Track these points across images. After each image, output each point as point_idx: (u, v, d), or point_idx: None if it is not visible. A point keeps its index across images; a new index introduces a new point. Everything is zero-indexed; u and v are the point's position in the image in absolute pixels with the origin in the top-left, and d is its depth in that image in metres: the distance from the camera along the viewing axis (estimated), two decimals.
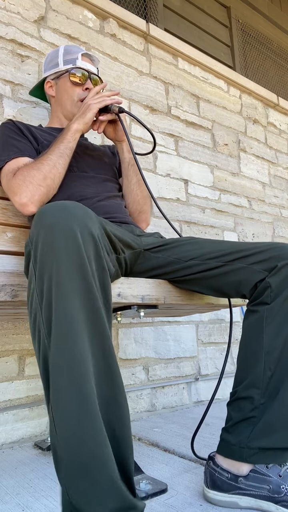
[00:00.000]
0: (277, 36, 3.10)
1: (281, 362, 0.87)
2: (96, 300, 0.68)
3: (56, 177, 1.09)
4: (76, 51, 1.33)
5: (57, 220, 0.69)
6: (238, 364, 0.93)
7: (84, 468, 0.60)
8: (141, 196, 1.30)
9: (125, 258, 1.00)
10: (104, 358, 0.68)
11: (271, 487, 0.82)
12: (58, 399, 0.63)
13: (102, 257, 0.73)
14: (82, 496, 0.60)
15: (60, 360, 0.63)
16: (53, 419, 0.64)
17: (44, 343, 0.67)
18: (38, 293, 0.69)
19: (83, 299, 0.66)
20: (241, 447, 0.85)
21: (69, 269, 0.66)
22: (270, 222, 2.54)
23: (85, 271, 0.68)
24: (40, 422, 1.41)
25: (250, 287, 0.92)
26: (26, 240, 0.76)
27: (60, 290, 0.65)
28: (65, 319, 0.64)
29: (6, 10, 1.60)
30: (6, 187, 1.12)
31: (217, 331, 2.06)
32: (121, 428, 0.68)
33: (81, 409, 0.62)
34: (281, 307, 0.87)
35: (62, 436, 0.62)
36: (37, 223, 0.71)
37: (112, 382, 0.68)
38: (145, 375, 1.74)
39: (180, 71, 2.25)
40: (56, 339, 0.64)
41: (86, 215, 0.73)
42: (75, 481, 0.61)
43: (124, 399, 0.70)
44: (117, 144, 1.29)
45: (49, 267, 0.67)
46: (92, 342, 0.66)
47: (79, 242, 0.68)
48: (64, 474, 0.62)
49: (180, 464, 1.14)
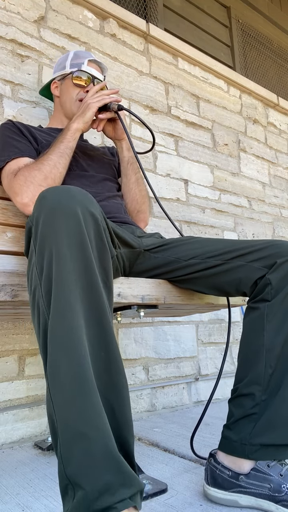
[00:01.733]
0: (277, 36, 3.11)
1: (282, 359, 0.87)
2: (95, 277, 0.69)
3: (57, 177, 1.10)
4: (84, 56, 1.36)
5: (59, 201, 0.70)
6: (239, 361, 0.93)
7: (80, 437, 0.60)
8: (140, 195, 1.30)
9: (121, 254, 1.00)
10: (101, 335, 0.68)
11: (272, 486, 0.82)
12: (54, 369, 0.63)
13: (103, 237, 0.74)
14: (77, 467, 0.59)
15: (58, 332, 0.64)
16: (50, 392, 0.64)
17: (44, 316, 0.68)
18: (38, 267, 0.70)
19: (82, 276, 0.67)
20: (243, 444, 0.85)
21: (69, 244, 0.67)
22: (270, 222, 2.54)
23: (85, 248, 0.68)
24: (40, 422, 1.41)
25: (250, 285, 0.92)
26: (27, 220, 0.77)
27: (60, 264, 0.66)
28: (63, 292, 0.65)
29: (6, 10, 1.60)
30: (7, 187, 1.13)
31: (217, 331, 2.06)
32: (119, 406, 0.68)
33: (77, 380, 0.62)
34: (282, 304, 0.88)
35: (58, 409, 0.62)
36: (39, 204, 0.72)
37: (109, 358, 0.69)
38: (145, 375, 1.74)
39: (180, 71, 2.25)
40: (54, 312, 0.65)
41: (87, 198, 0.74)
42: (71, 451, 0.60)
43: (123, 378, 0.70)
44: (116, 143, 1.30)
45: (49, 242, 0.68)
46: (88, 318, 0.67)
47: (80, 221, 0.69)
48: (60, 445, 0.61)
49: (180, 464, 1.13)
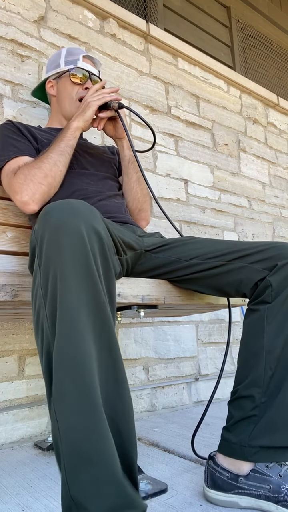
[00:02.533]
0: (277, 36, 3.10)
1: (282, 361, 0.87)
2: (101, 296, 0.68)
3: (57, 175, 1.09)
4: (78, 53, 1.34)
5: (63, 219, 0.69)
6: (239, 363, 0.93)
7: (86, 461, 0.60)
8: (141, 194, 1.30)
9: (127, 259, 1.00)
10: (109, 354, 0.68)
11: (272, 487, 0.82)
12: (61, 393, 0.63)
13: (107, 255, 0.73)
14: (82, 490, 0.60)
15: (64, 355, 0.63)
16: (55, 413, 0.63)
17: (48, 338, 0.67)
18: (43, 289, 0.69)
19: (88, 295, 0.66)
20: (242, 446, 0.85)
21: (74, 266, 0.66)
22: (270, 222, 2.54)
23: (90, 268, 0.67)
24: (40, 422, 1.41)
25: (250, 286, 0.92)
26: (31, 236, 0.76)
27: (65, 286, 0.65)
28: (69, 315, 0.64)
29: (6, 10, 1.60)
30: (7, 187, 1.13)
31: (217, 331, 2.06)
32: (124, 424, 0.68)
33: (84, 403, 0.62)
34: (282, 306, 0.88)
35: (63, 430, 0.62)
36: (43, 222, 0.71)
37: (116, 379, 0.68)
38: (145, 375, 1.74)
39: (180, 71, 2.25)
40: (60, 335, 0.64)
41: (92, 214, 0.73)
42: (76, 474, 0.60)
43: (128, 395, 0.69)
44: (117, 141, 1.30)
45: (54, 263, 0.67)
46: (96, 338, 0.66)
47: (85, 240, 0.68)
48: (65, 467, 0.62)
49: (180, 464, 1.13)
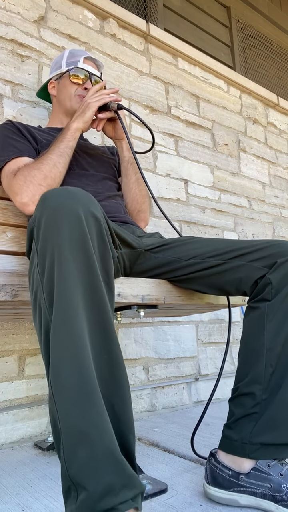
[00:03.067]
0: (277, 36, 3.11)
1: (282, 358, 0.87)
2: (97, 278, 0.69)
3: (57, 176, 1.09)
4: (80, 54, 1.36)
5: (61, 202, 0.70)
6: (239, 361, 0.93)
7: (83, 441, 0.60)
8: (140, 195, 1.30)
9: (122, 254, 1.00)
10: (103, 336, 0.68)
11: (272, 486, 0.82)
12: (57, 371, 0.63)
13: (105, 238, 0.74)
14: (80, 468, 0.60)
15: (60, 334, 0.64)
16: (53, 393, 0.64)
17: (46, 317, 0.68)
18: (40, 269, 0.69)
19: (84, 277, 0.67)
20: (244, 443, 0.85)
21: (71, 246, 0.67)
22: (270, 222, 2.54)
23: (87, 248, 0.68)
24: (40, 422, 1.41)
25: (250, 284, 0.92)
26: (29, 222, 0.77)
27: (62, 266, 0.66)
28: (66, 294, 0.65)
29: (6, 10, 1.60)
30: (7, 187, 1.13)
31: (217, 331, 2.06)
32: (121, 406, 0.68)
33: (80, 382, 0.62)
34: (282, 303, 0.88)
35: (61, 410, 0.62)
36: (41, 206, 0.72)
37: (111, 359, 0.69)
38: (145, 375, 1.74)
39: (180, 71, 2.25)
40: (57, 314, 0.65)
41: (89, 200, 0.74)
42: (74, 452, 0.61)
43: (125, 378, 0.70)
44: (116, 142, 1.30)
45: (51, 243, 0.67)
46: (90, 318, 0.67)
47: (82, 222, 0.69)
48: (63, 447, 0.62)
49: (180, 464, 1.13)
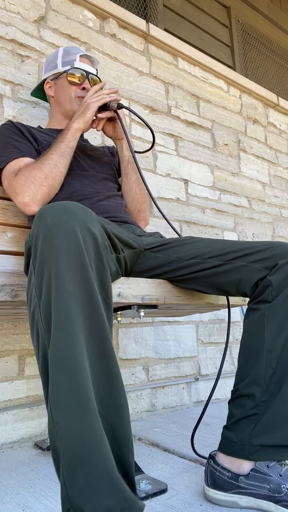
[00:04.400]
0: (277, 36, 3.10)
1: (282, 360, 0.87)
2: (95, 298, 0.68)
3: (58, 176, 1.10)
4: (75, 52, 1.34)
5: (58, 219, 0.69)
6: (239, 362, 0.93)
7: (82, 464, 0.60)
8: (140, 195, 1.30)
9: (125, 257, 1.00)
10: (103, 358, 0.68)
11: (272, 487, 0.82)
12: (56, 395, 0.63)
13: (102, 256, 0.73)
14: (79, 492, 0.60)
15: (58, 357, 0.63)
16: (52, 415, 0.64)
17: (43, 339, 0.67)
18: (37, 289, 0.69)
19: (82, 297, 0.66)
20: (243, 445, 0.85)
21: (69, 266, 0.66)
22: (270, 222, 2.54)
23: (85, 268, 0.67)
24: (40, 422, 1.41)
25: (251, 285, 0.92)
26: (27, 237, 0.76)
27: (60, 287, 0.65)
28: (63, 316, 0.64)
29: (6, 10, 1.60)
30: (8, 188, 1.13)
31: (217, 331, 2.06)
32: (121, 428, 0.68)
33: (78, 406, 0.62)
34: (282, 305, 0.88)
35: (60, 432, 0.62)
36: (38, 222, 0.71)
37: (110, 381, 0.68)
38: (145, 375, 1.74)
39: (180, 71, 2.25)
40: (55, 336, 0.64)
41: (87, 215, 0.73)
42: (73, 477, 0.60)
43: (124, 399, 0.69)
44: (116, 142, 1.30)
45: (48, 263, 0.67)
46: (89, 341, 0.66)
47: (80, 240, 0.68)
48: (62, 470, 0.62)
49: (180, 464, 1.13)
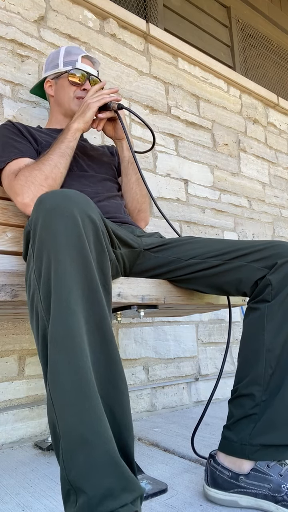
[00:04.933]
0: (277, 36, 3.10)
1: (282, 359, 0.87)
2: (94, 280, 0.69)
3: (58, 177, 1.10)
4: (76, 53, 1.34)
5: (57, 204, 0.69)
6: (239, 362, 0.93)
7: (82, 444, 0.60)
8: (140, 195, 1.30)
9: (122, 254, 1.00)
10: (102, 339, 0.68)
11: (272, 486, 0.82)
12: (56, 376, 0.63)
13: (101, 240, 0.74)
14: (79, 472, 0.59)
15: (58, 337, 0.64)
16: (51, 396, 0.64)
17: (43, 320, 0.67)
18: (36, 272, 0.69)
19: (81, 279, 0.67)
20: (243, 444, 0.85)
21: (68, 248, 0.66)
22: (270, 222, 2.54)
23: (84, 250, 0.68)
24: (40, 422, 1.41)
25: (250, 285, 0.92)
26: (26, 224, 0.77)
27: (59, 268, 0.65)
28: (63, 296, 0.64)
29: (6, 10, 1.60)
30: (8, 188, 1.13)
31: (217, 331, 2.06)
32: (120, 410, 0.68)
33: (78, 386, 0.62)
34: (282, 304, 0.88)
35: (59, 413, 0.62)
36: (37, 208, 0.71)
37: (109, 362, 0.68)
38: (145, 375, 1.74)
39: (180, 71, 2.25)
40: (54, 317, 0.64)
41: (86, 202, 0.74)
42: (73, 456, 0.60)
43: (123, 381, 0.69)
44: (116, 142, 1.30)
45: (47, 246, 0.67)
46: (88, 322, 0.67)
47: (79, 224, 0.69)
48: (62, 451, 0.62)
49: (180, 464, 1.13)
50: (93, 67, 1.37)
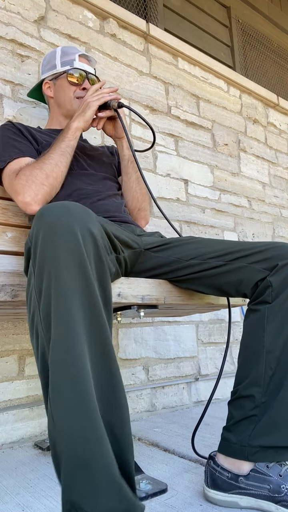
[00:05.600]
0: (277, 36, 3.10)
1: (282, 361, 0.87)
2: (96, 298, 0.68)
3: (59, 175, 1.10)
4: (73, 52, 1.34)
5: (57, 219, 0.69)
6: (239, 363, 0.93)
7: (83, 465, 0.60)
8: (140, 194, 1.31)
9: (125, 257, 1.00)
10: (103, 358, 0.68)
11: (272, 487, 0.82)
12: (57, 395, 0.63)
13: (102, 257, 0.73)
14: (80, 494, 0.59)
15: (59, 359, 0.63)
16: (52, 415, 0.63)
17: (43, 341, 0.67)
18: (37, 290, 0.68)
19: (82, 297, 0.66)
20: (243, 446, 0.85)
21: (68, 266, 0.66)
22: (270, 222, 2.54)
23: (85, 268, 0.67)
24: (40, 422, 1.41)
25: (251, 286, 0.92)
26: (27, 238, 0.76)
27: (59, 288, 0.65)
28: (63, 315, 0.64)
29: (6, 10, 1.60)
30: (9, 188, 1.13)
31: (217, 331, 2.06)
32: (121, 428, 0.67)
33: (80, 406, 0.61)
34: (282, 306, 0.88)
35: (60, 433, 0.62)
36: (38, 222, 0.71)
37: (111, 382, 0.68)
38: (145, 375, 1.74)
39: (180, 71, 2.25)
40: (55, 337, 0.64)
41: (86, 216, 0.73)
42: (74, 478, 0.60)
43: (124, 399, 0.69)
44: (116, 141, 1.30)
45: (48, 264, 0.66)
46: (90, 341, 0.66)
47: (79, 241, 0.68)
48: (63, 471, 0.61)
49: (180, 464, 1.13)
50: (90, 65, 1.37)
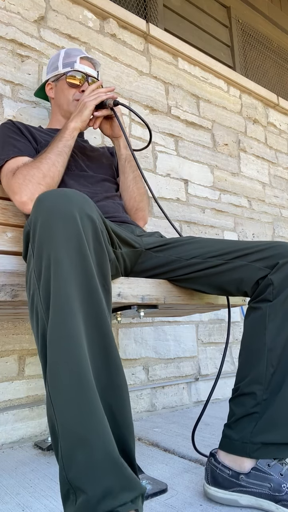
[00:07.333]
0: (277, 36, 3.10)
1: (283, 358, 0.87)
2: (94, 279, 0.69)
3: (56, 175, 1.10)
4: (75, 54, 1.35)
5: (56, 204, 0.70)
6: (240, 361, 0.94)
7: (81, 445, 0.60)
8: (138, 193, 1.30)
9: (122, 254, 1.00)
10: (101, 338, 0.68)
11: (272, 486, 0.82)
12: (55, 376, 0.63)
13: (100, 239, 0.74)
14: (78, 471, 0.59)
15: (57, 337, 0.64)
16: (50, 397, 0.64)
17: (43, 320, 0.68)
18: (36, 273, 0.69)
19: (80, 278, 0.67)
20: (244, 443, 0.85)
21: (67, 248, 0.67)
22: (270, 222, 2.54)
23: (83, 250, 0.68)
24: (40, 422, 1.41)
25: (251, 284, 0.92)
26: (25, 224, 0.77)
27: (58, 269, 0.66)
28: (62, 297, 0.65)
29: (6, 10, 1.60)
30: (6, 186, 1.13)
31: (217, 331, 2.06)
32: (120, 408, 0.68)
33: (77, 386, 0.62)
34: (283, 304, 0.88)
35: (58, 413, 0.62)
36: (36, 207, 0.72)
37: (109, 363, 0.68)
38: (145, 375, 1.74)
39: (180, 71, 2.25)
40: (53, 318, 0.65)
41: (85, 201, 0.74)
42: (72, 455, 0.60)
43: (122, 379, 0.69)
44: (114, 141, 1.30)
45: (47, 246, 0.67)
46: (87, 321, 0.67)
47: (78, 224, 0.69)
48: (61, 450, 0.61)
49: (180, 464, 1.13)
50: (93, 68, 1.37)
